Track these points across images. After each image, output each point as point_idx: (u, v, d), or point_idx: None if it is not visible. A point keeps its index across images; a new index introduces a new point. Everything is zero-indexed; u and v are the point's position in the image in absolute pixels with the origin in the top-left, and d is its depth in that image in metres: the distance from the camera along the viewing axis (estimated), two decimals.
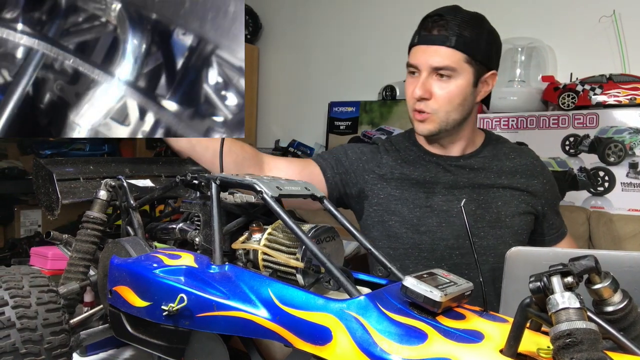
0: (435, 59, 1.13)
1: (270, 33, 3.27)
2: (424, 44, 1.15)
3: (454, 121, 1.18)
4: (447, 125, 1.18)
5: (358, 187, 1.25)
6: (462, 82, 1.14)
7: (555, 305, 0.44)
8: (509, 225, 1.20)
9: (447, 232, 1.19)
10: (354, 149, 1.30)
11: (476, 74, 1.16)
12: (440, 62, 1.13)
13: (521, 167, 1.25)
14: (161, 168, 1.01)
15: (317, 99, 3.01)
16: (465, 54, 1.13)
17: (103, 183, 0.79)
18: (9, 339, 0.56)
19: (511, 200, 1.22)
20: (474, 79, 1.16)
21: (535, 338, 0.51)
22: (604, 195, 2.10)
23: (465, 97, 1.16)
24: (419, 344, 0.49)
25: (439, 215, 1.20)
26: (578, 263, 0.47)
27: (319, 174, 1.25)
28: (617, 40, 2.18)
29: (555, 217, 1.30)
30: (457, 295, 0.55)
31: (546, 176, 1.27)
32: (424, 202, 1.21)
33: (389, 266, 0.68)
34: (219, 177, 0.68)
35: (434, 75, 1.14)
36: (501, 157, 1.26)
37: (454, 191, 1.21)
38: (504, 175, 1.23)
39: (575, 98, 2.10)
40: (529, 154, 1.30)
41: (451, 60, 1.13)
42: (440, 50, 1.13)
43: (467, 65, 1.14)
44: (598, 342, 0.42)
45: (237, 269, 0.61)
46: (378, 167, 1.25)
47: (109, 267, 0.68)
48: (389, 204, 1.22)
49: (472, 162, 1.24)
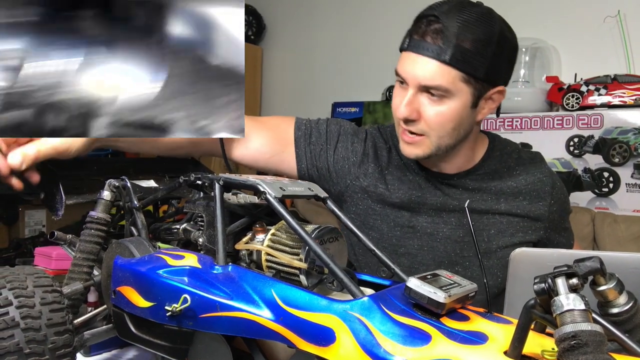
0: (425, 75, 0.92)
1: (273, 33, 3.28)
2: (414, 52, 0.94)
3: (447, 146, 1.00)
4: (439, 151, 1.00)
5: (337, 189, 1.13)
6: (457, 104, 0.94)
7: (560, 306, 0.43)
8: (498, 257, 1.05)
9: (428, 257, 1.06)
10: (346, 144, 1.13)
11: (476, 93, 0.95)
12: (430, 81, 0.92)
13: (526, 187, 1.07)
14: (165, 169, 1.01)
15: (320, 99, 3.01)
16: (462, 72, 0.91)
17: (107, 183, 0.79)
18: (13, 339, 0.56)
19: (506, 229, 1.06)
20: (473, 100, 0.96)
21: (539, 340, 0.51)
22: (608, 196, 2.10)
23: (461, 121, 0.97)
24: (422, 346, 0.48)
25: (421, 238, 1.06)
26: (583, 264, 0.47)
27: (292, 161, 1.11)
28: (621, 41, 2.18)
29: (561, 235, 1.14)
30: (461, 297, 0.54)
31: (555, 195, 1.09)
32: (406, 222, 1.07)
33: (392, 267, 0.68)
34: (223, 178, 0.68)
35: (424, 92, 0.95)
36: (503, 173, 1.08)
37: (441, 214, 1.06)
38: (502, 198, 1.06)
39: (580, 98, 2.09)
40: (538, 168, 1.10)
41: (444, 79, 0.91)
42: (431, 64, 0.91)
43: (465, 84, 0.93)
44: (603, 344, 0.42)
45: (240, 270, 0.61)
46: (364, 176, 1.10)
47: (113, 268, 0.69)
48: (367, 218, 1.10)
49: (467, 181, 1.07)
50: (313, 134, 1.13)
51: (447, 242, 1.07)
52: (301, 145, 1.12)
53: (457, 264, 1.07)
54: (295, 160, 1.12)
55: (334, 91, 2.97)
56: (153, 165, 1.01)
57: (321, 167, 1.12)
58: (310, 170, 1.12)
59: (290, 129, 1.13)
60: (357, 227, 0.72)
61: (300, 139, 1.12)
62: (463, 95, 0.94)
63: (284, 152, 1.12)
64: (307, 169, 1.12)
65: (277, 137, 1.12)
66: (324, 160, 1.12)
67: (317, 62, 3.10)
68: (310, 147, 1.12)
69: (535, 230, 1.09)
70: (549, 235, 1.11)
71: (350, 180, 1.12)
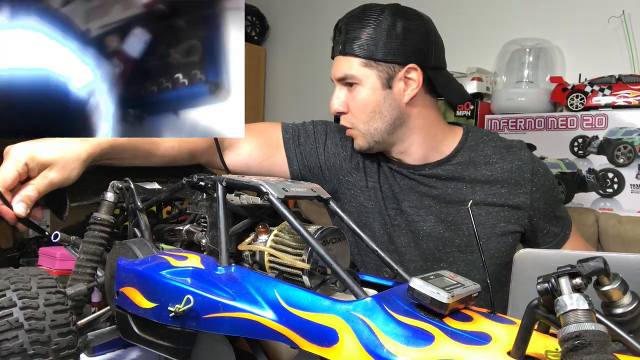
0: (337, 70, 1.07)
1: (277, 34, 3.28)
2: (332, 56, 1.10)
3: (379, 130, 1.06)
4: (375, 137, 1.07)
5: (331, 187, 1.15)
6: (367, 88, 1.03)
7: (564, 306, 0.43)
8: (482, 250, 1.06)
9: (415, 254, 1.09)
10: (335, 140, 1.16)
11: (382, 75, 1.03)
12: (339, 73, 1.06)
13: (502, 175, 1.08)
14: (168, 170, 1.01)
15: (323, 100, 3.00)
16: (360, 58, 1.02)
17: (110, 185, 0.79)
18: (17, 340, 0.56)
19: (486, 221, 1.06)
20: (382, 81, 1.03)
21: (543, 340, 0.51)
22: (613, 197, 2.09)
23: (377, 103, 1.04)
24: (425, 346, 0.48)
25: (407, 235, 1.10)
26: (587, 264, 0.47)
27: (284, 164, 1.15)
28: (626, 41, 2.17)
29: (552, 223, 1.13)
30: (464, 297, 0.54)
31: (536, 182, 1.08)
32: (392, 220, 1.10)
33: (395, 267, 0.68)
34: (225, 179, 0.68)
35: (344, 87, 1.07)
36: (479, 162, 1.09)
37: (419, 211, 1.09)
38: (478, 186, 1.07)
39: (584, 99, 2.08)
40: (517, 155, 1.10)
41: (347, 68, 1.04)
42: (339, 60, 1.06)
43: (367, 69, 1.03)
44: (607, 345, 0.42)
45: (243, 270, 0.61)
46: (355, 170, 1.14)
47: (116, 269, 0.69)
48: (360, 215, 1.12)
49: (439, 171, 1.09)
50: (301, 136, 1.16)
51: (429, 239, 1.09)
52: (291, 147, 1.14)
53: (441, 260, 1.08)
54: (286, 163, 1.14)
55: None
56: (156, 169, 1.02)
57: (313, 167, 1.14)
58: (303, 171, 1.15)
59: (277, 132, 1.16)
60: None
61: (289, 141, 1.15)
62: (369, 79, 1.03)
63: (274, 155, 1.14)
64: (299, 170, 1.14)
65: (266, 141, 1.14)
66: (315, 160, 1.14)
67: (321, 62, 3.10)
68: (300, 148, 1.14)
69: (519, 219, 1.08)
70: (536, 224, 1.10)
71: (342, 175, 1.14)
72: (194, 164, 1.09)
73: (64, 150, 0.82)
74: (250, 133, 1.13)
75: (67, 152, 0.82)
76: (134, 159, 0.96)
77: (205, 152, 1.06)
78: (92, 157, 0.86)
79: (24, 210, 0.78)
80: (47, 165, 0.81)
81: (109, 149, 0.89)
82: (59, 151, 0.81)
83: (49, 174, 0.81)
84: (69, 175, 0.83)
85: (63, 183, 0.83)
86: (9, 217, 0.78)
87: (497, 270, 1.10)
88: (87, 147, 0.85)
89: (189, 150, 1.04)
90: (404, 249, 1.10)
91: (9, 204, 0.77)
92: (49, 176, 0.81)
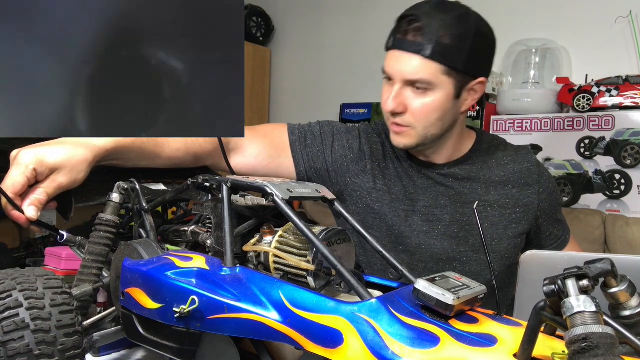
0: (409, 70, 1.00)
1: (282, 35, 3.29)
2: (398, 50, 1.01)
3: (434, 136, 1.06)
4: (426, 140, 1.06)
5: (337, 189, 1.15)
6: (440, 95, 1.01)
7: (571, 308, 0.43)
8: (495, 250, 1.09)
9: (427, 255, 1.09)
10: (342, 142, 1.15)
11: (458, 85, 1.02)
12: (413, 75, 0.99)
13: (514, 176, 1.12)
14: (173, 171, 1.02)
15: (329, 100, 3.02)
16: (443, 65, 0.99)
17: (116, 186, 0.80)
18: (23, 341, 0.56)
19: (499, 222, 1.10)
20: (456, 91, 1.02)
21: (549, 342, 0.50)
22: (620, 198, 2.08)
23: (445, 112, 1.03)
24: (431, 348, 0.48)
25: (418, 236, 1.09)
26: (594, 266, 0.46)
27: (290, 166, 1.13)
28: (633, 41, 2.16)
29: (554, 226, 1.18)
30: (470, 299, 0.54)
31: (543, 184, 1.13)
32: (403, 221, 1.10)
33: (400, 269, 0.68)
34: (230, 180, 0.68)
35: (409, 86, 1.01)
36: (492, 164, 1.13)
37: (434, 211, 1.10)
38: (492, 187, 1.11)
39: (591, 100, 2.07)
40: (526, 158, 1.15)
41: (426, 72, 0.99)
42: (413, 60, 0.99)
43: (446, 77, 1.00)
44: (615, 347, 0.41)
45: (248, 271, 0.61)
46: (362, 172, 1.13)
47: (121, 269, 0.69)
48: (366, 217, 1.12)
49: (456, 170, 1.11)
50: (308, 137, 1.15)
51: (443, 239, 1.09)
52: (297, 149, 1.13)
53: (454, 259, 1.09)
54: (293, 165, 1.13)
55: (342, 92, 2.97)
56: (162, 170, 1.02)
57: (320, 169, 1.14)
58: (309, 172, 1.14)
59: (284, 134, 1.15)
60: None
61: (295, 142, 1.14)
62: (445, 87, 1.01)
63: (280, 157, 1.13)
64: (305, 172, 1.14)
65: (272, 143, 1.13)
66: (322, 162, 1.14)
67: (326, 63, 3.11)
68: (307, 150, 1.14)
69: (527, 220, 1.12)
70: (541, 225, 1.14)
71: (349, 177, 1.14)
72: (199, 166, 1.09)
73: (71, 153, 0.83)
74: (256, 135, 1.13)
75: (74, 155, 0.83)
76: (140, 160, 0.96)
77: (211, 155, 1.06)
78: (97, 158, 0.87)
79: (35, 214, 0.79)
80: (56, 169, 0.81)
81: (114, 150, 0.89)
82: (66, 154, 0.82)
83: (57, 177, 0.82)
84: (77, 177, 0.84)
85: (71, 185, 0.84)
86: (21, 222, 0.79)
87: (505, 270, 1.13)
88: (93, 149, 0.86)
89: (195, 153, 1.04)
90: (414, 249, 1.09)
91: (20, 208, 0.78)
92: (57, 179, 0.82)
